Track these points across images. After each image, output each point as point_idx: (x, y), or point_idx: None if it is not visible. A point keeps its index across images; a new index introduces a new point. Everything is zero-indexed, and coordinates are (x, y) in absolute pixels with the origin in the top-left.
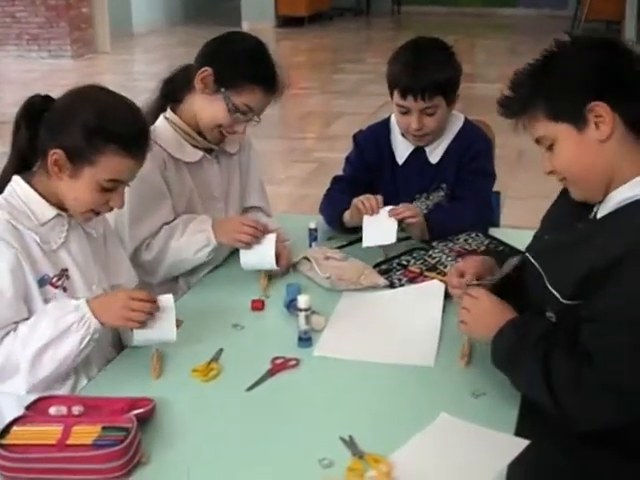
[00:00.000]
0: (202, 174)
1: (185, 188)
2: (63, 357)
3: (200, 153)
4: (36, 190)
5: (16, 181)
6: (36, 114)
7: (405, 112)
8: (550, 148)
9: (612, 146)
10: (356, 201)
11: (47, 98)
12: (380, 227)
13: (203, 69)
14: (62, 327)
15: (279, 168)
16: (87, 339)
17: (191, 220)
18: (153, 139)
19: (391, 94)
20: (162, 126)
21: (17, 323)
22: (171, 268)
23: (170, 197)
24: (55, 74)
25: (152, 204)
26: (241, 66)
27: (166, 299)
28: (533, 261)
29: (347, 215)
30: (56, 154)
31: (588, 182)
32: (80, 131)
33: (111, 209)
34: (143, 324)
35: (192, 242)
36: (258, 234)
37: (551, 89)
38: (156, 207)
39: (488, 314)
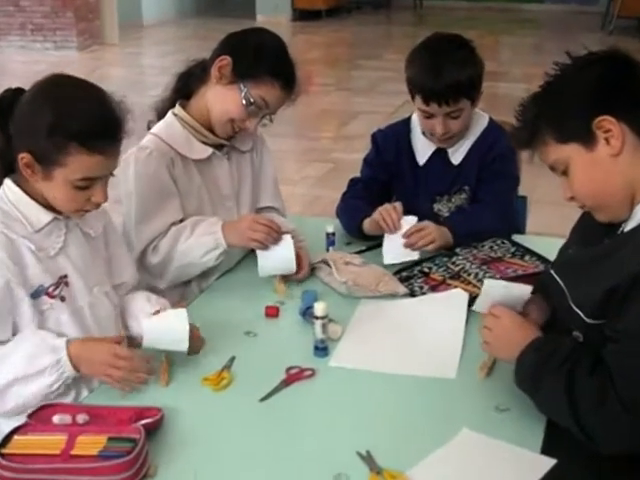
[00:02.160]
0: (211, 171)
1: (193, 186)
2: (29, 395)
3: (209, 150)
4: (28, 194)
5: (7, 185)
6: (7, 111)
7: (429, 116)
8: (565, 173)
9: (626, 159)
10: (376, 215)
11: (18, 91)
12: (402, 244)
13: (222, 57)
14: (35, 367)
15: (293, 168)
16: (58, 384)
17: (200, 222)
18: (160, 136)
19: (412, 97)
20: (170, 122)
21: None
22: (178, 272)
23: (178, 196)
24: (60, 66)
25: (159, 203)
26: (263, 58)
27: (178, 313)
28: (557, 278)
29: (367, 224)
30: (25, 158)
31: (609, 202)
32: (42, 131)
33: (98, 205)
34: (124, 384)
35: (199, 244)
36: (272, 233)
37: (554, 111)
38: (163, 206)
39: (510, 333)
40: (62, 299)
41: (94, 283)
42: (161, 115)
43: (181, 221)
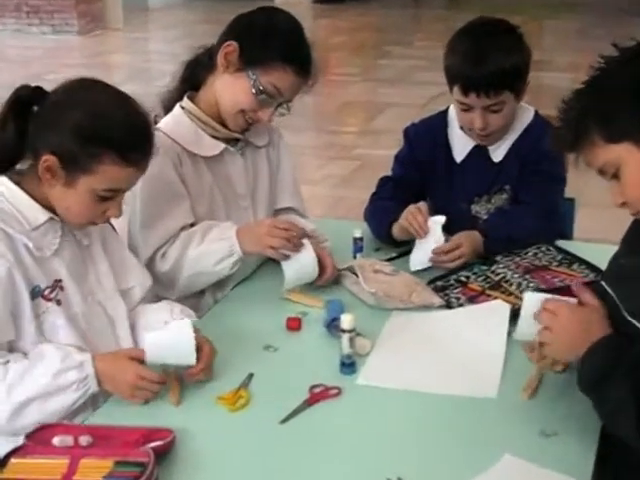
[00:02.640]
0: (224, 169)
1: (204, 186)
2: (50, 412)
3: (221, 145)
4: (26, 192)
5: (3, 183)
6: (24, 108)
7: (467, 109)
8: (615, 176)
9: None
10: (402, 220)
11: (37, 90)
12: (428, 248)
13: (227, 43)
14: (60, 384)
15: (314, 166)
16: (81, 400)
17: (213, 226)
18: (166, 132)
19: (450, 88)
20: (177, 116)
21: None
22: (190, 281)
23: (187, 197)
24: (58, 52)
25: (166, 206)
26: (272, 41)
27: (182, 325)
28: (609, 289)
29: (396, 229)
30: (49, 161)
31: None
32: (73, 135)
33: (107, 220)
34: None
35: (212, 251)
36: (293, 239)
37: (603, 108)
38: (171, 209)
39: (573, 329)
40: (58, 302)
41: (87, 292)
42: (168, 108)
43: (192, 225)
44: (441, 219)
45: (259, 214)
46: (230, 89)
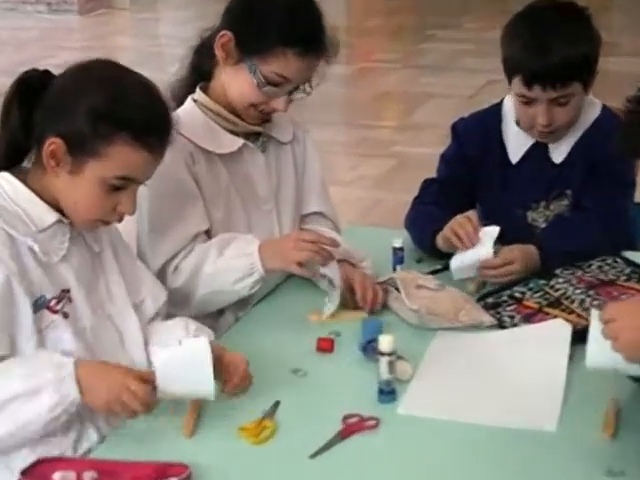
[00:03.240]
0: (243, 168)
1: (221, 187)
2: (23, 421)
3: (239, 141)
4: (32, 190)
5: (5, 179)
6: (32, 94)
7: (528, 102)
8: None
9: None
10: (447, 231)
11: (46, 74)
12: (473, 257)
13: (222, 33)
14: (34, 383)
15: (345, 165)
16: (59, 409)
17: (232, 240)
18: (177, 129)
19: (509, 80)
20: (189, 111)
21: None
22: (205, 300)
23: (201, 200)
24: (57, 34)
25: (178, 210)
26: (268, 24)
27: (197, 346)
28: None
29: (440, 239)
30: (54, 144)
31: None
32: (85, 116)
33: (121, 218)
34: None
35: (231, 268)
36: (322, 250)
37: None
38: (183, 213)
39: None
40: (65, 315)
41: (97, 304)
42: (179, 100)
43: (207, 233)
44: (494, 231)
45: (283, 219)
46: (234, 82)
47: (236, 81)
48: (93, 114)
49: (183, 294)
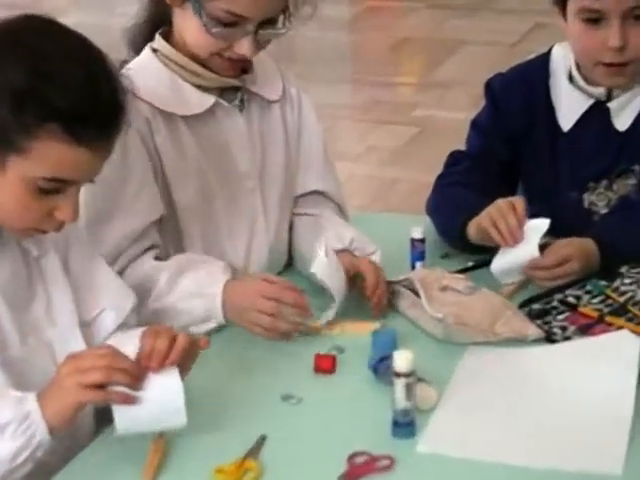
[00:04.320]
0: (216, 134)
1: (188, 161)
2: None
3: (210, 98)
4: None
5: None
6: None
7: (595, 21)
8: None
9: None
10: (484, 220)
11: None
12: (518, 258)
13: None
14: None
15: (352, 135)
16: (25, 454)
17: (192, 266)
18: (130, 89)
19: (563, 1)
20: (146, 64)
21: None
22: (154, 317)
23: (158, 179)
24: None
25: (127, 193)
26: None
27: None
28: None
29: (473, 228)
30: None
31: None
32: (4, 99)
33: (60, 226)
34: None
35: (181, 310)
36: (289, 309)
37: None
38: (134, 198)
39: None
40: None
41: (30, 328)
42: (137, 49)
43: (161, 221)
44: (543, 225)
45: (270, 201)
46: (185, 27)
47: (187, 25)
48: (13, 96)
49: None
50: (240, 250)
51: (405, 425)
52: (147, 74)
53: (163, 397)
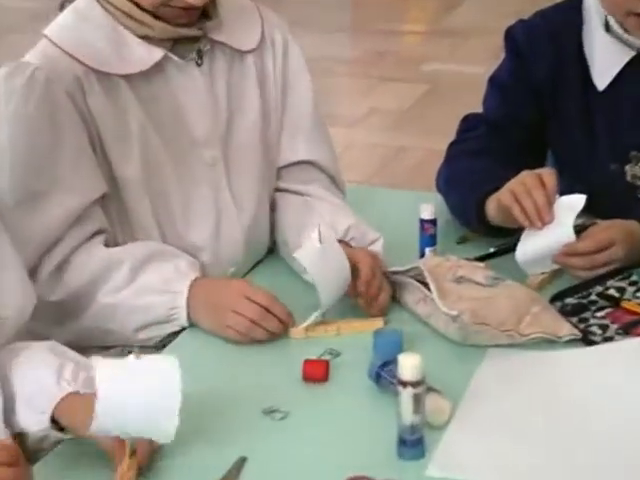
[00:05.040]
0: (165, 93)
1: (130, 128)
2: None
3: (158, 52)
4: None
5: None
6: None
7: None
8: None
9: None
10: (506, 197)
11: None
12: (549, 243)
13: None
14: None
15: (352, 94)
16: None
17: (160, 257)
18: (57, 43)
19: None
20: (82, 12)
21: None
22: (83, 335)
23: (96, 150)
24: None
25: (60, 164)
26: None
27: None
28: None
29: (492, 206)
30: None
31: None
32: None
33: None
34: None
35: (140, 306)
36: (268, 323)
37: None
38: (70, 170)
39: None
40: None
41: None
42: None
43: (104, 198)
44: (578, 202)
45: (239, 174)
46: None
47: None
48: None
49: (56, 313)
50: (204, 235)
51: (412, 444)
52: (84, 24)
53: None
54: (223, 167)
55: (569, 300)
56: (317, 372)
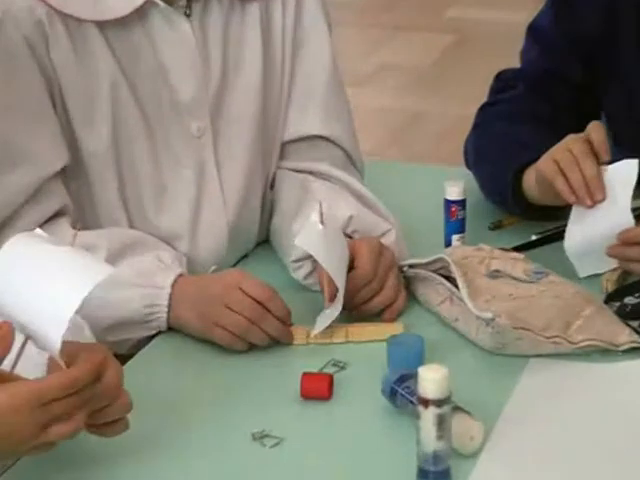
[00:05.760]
0: (146, 46)
1: (98, 84)
2: None
3: None
4: None
5: None
6: None
7: None
8: None
9: None
10: (547, 167)
11: None
12: (603, 227)
13: None
14: None
15: (360, 46)
16: None
17: (137, 247)
18: None
19: None
20: None
21: None
22: None
23: (58, 112)
24: None
25: (14, 128)
26: None
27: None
28: None
29: (531, 178)
30: None
31: None
32: None
33: None
34: None
35: (111, 301)
36: (273, 321)
37: None
38: (26, 135)
39: None
40: None
41: None
42: None
43: (65, 171)
44: (632, 169)
45: (227, 151)
46: None
47: None
48: None
49: None
50: (181, 221)
51: (436, 477)
52: None
53: None
54: (211, 140)
55: (629, 300)
56: (318, 388)
